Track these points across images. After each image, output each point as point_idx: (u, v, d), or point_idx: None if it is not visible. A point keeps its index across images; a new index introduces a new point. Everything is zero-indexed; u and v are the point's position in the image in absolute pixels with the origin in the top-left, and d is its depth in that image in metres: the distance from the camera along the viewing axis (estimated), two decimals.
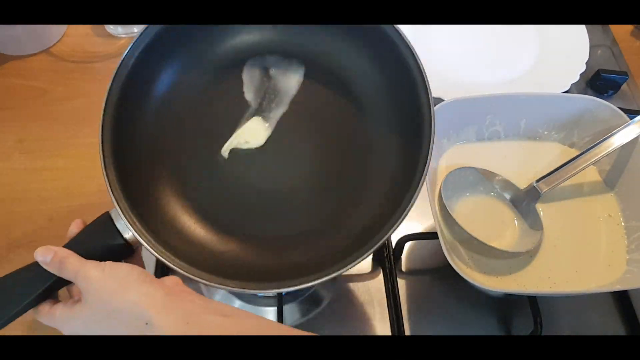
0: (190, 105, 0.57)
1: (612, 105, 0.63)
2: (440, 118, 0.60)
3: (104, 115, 0.51)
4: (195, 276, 0.48)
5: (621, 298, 0.62)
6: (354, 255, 0.48)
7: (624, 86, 0.80)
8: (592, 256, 0.59)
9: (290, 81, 0.58)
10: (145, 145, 0.55)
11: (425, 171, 0.49)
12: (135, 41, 0.53)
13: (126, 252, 0.49)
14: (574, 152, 0.65)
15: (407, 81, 0.52)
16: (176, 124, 0.57)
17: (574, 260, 0.59)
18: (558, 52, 0.80)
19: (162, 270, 0.60)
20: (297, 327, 0.59)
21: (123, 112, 0.52)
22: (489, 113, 0.64)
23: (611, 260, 0.59)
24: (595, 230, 0.61)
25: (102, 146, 0.50)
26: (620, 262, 0.58)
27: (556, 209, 0.63)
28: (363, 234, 0.51)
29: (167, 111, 0.56)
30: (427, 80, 0.51)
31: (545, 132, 0.66)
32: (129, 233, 0.48)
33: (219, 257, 0.53)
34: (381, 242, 0.48)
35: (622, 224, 0.61)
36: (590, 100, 0.63)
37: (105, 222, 0.49)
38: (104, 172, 0.50)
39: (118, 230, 0.48)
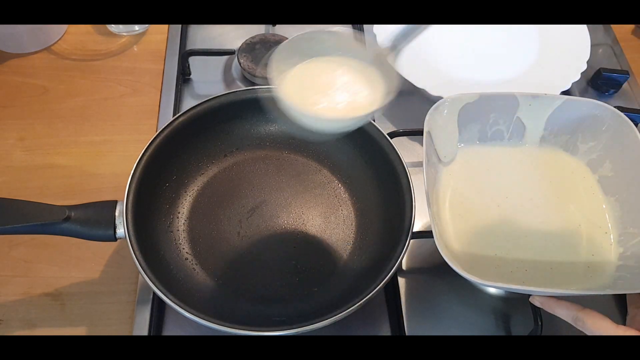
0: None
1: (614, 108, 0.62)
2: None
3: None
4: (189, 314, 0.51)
5: (621, 299, 0.62)
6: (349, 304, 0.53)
7: (625, 85, 0.80)
8: (573, 261, 0.59)
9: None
10: None
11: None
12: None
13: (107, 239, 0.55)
14: None
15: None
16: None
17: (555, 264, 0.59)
18: (559, 50, 0.80)
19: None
20: None
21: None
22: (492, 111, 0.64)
23: (595, 266, 0.58)
24: (578, 234, 0.60)
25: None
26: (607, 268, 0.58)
27: (548, 212, 0.62)
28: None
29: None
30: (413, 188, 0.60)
31: None
32: (121, 230, 0.55)
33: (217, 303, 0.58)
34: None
35: (618, 230, 0.60)
36: (596, 105, 0.62)
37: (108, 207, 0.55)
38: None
39: (114, 222, 0.55)
